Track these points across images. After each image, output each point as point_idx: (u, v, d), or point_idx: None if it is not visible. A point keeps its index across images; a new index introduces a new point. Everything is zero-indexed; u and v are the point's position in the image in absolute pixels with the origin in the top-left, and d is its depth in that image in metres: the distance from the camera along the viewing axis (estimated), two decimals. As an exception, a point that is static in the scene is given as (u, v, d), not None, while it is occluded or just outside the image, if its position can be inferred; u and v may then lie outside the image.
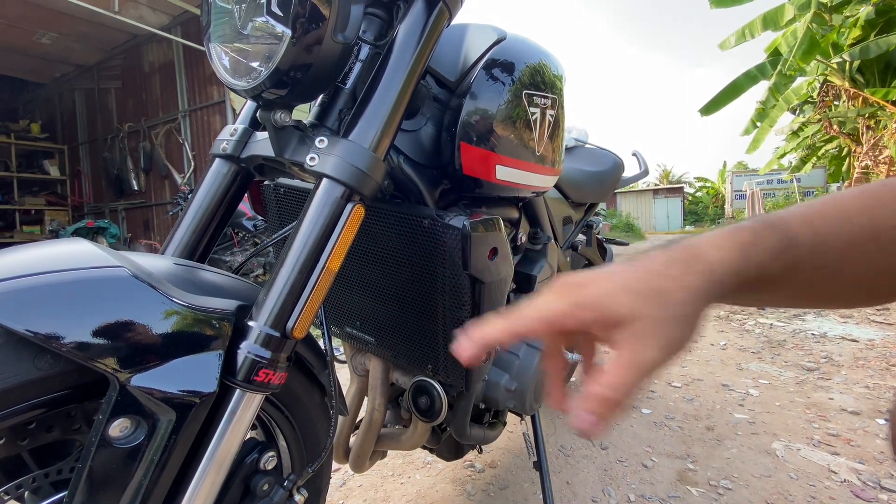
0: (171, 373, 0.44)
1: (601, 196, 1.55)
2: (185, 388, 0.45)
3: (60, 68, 7.83)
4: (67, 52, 7.17)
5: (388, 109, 0.60)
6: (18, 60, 7.27)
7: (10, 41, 6.56)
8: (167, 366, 0.44)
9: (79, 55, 7.31)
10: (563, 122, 0.88)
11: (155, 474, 0.44)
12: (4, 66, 7.46)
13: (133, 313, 0.43)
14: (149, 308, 0.44)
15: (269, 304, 0.52)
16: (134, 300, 0.44)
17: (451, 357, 0.76)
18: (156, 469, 0.44)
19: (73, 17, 5.90)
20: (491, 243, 0.69)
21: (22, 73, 7.92)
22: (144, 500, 0.44)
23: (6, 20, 5.96)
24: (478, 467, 1.50)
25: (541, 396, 1.04)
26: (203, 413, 0.47)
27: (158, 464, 0.44)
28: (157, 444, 0.44)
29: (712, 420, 1.83)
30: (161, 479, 0.45)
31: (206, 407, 0.47)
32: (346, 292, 0.87)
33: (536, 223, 1.04)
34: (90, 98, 7.96)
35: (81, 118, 8.20)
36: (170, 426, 0.44)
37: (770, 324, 3.33)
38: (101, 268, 0.44)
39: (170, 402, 0.44)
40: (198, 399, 0.45)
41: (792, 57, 7.26)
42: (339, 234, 0.54)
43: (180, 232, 0.67)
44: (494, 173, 0.73)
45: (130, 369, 0.42)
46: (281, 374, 0.52)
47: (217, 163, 0.71)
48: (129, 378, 0.42)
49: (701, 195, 26.14)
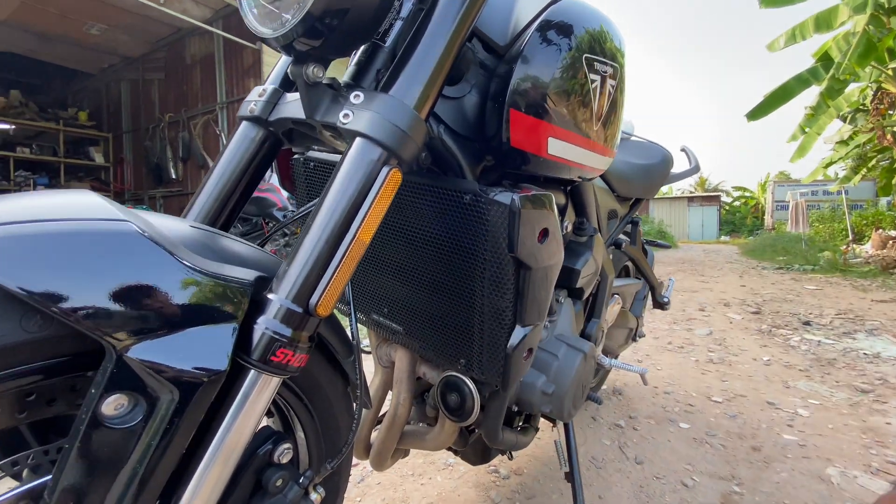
0: (175, 346, 0.38)
1: (648, 191, 1.44)
2: (192, 365, 0.39)
3: (108, 59, 8.14)
4: (115, 44, 7.44)
5: (432, 66, 0.53)
6: (69, 50, 7.60)
7: (62, 31, 6.85)
8: (172, 337, 0.38)
9: (126, 47, 7.58)
10: (624, 99, 0.79)
11: (152, 461, 0.39)
12: (57, 56, 7.82)
13: (135, 274, 0.38)
14: (154, 269, 0.39)
15: (292, 275, 0.46)
16: (138, 259, 0.38)
17: (487, 351, 0.68)
18: (154, 455, 0.38)
19: (122, 10, 6.11)
20: (541, 223, 0.60)
21: (72, 63, 8.27)
22: (140, 490, 0.39)
23: (59, 11, 6.21)
24: (503, 473, 1.42)
25: (579, 402, 0.95)
26: (211, 394, 0.41)
27: (157, 449, 0.39)
28: (157, 427, 0.38)
29: (758, 440, 1.69)
30: (159, 468, 0.39)
31: (214, 387, 0.41)
32: (373, 275, 0.81)
33: (583, 212, 0.95)
34: (135, 88, 8.25)
35: (126, 108, 8.51)
36: (171, 407, 0.38)
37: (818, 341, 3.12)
38: (103, 220, 0.39)
39: (173, 380, 0.38)
40: (205, 378, 0.39)
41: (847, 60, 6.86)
42: (372, 200, 0.47)
43: (202, 197, 0.62)
44: (546, 147, 0.65)
45: (129, 338, 0.37)
46: (301, 355, 0.46)
47: (244, 126, 0.65)
48: (127, 348, 0.37)
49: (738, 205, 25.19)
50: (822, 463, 1.52)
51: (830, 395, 2.14)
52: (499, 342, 0.66)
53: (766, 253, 9.59)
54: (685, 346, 2.93)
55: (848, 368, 2.52)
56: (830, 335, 3.23)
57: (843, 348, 2.91)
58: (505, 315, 0.64)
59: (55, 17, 6.37)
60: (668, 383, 2.25)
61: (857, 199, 13.65)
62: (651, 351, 2.80)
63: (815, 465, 1.51)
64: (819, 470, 1.48)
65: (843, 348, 2.91)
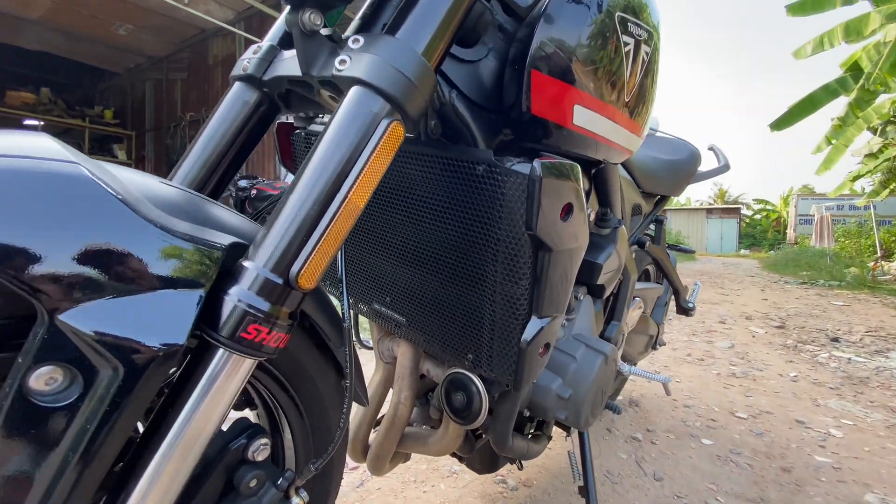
0: (123, 312, 0.32)
1: (674, 188, 1.35)
2: (142, 336, 0.32)
3: (134, 59, 8.32)
4: (141, 44, 7.60)
5: (445, 10, 0.46)
6: (98, 50, 7.79)
7: (90, 31, 7.02)
8: (119, 301, 0.32)
9: (151, 47, 7.74)
10: (658, 72, 0.72)
11: (90, 449, 0.32)
12: (85, 55, 8.01)
13: (78, 222, 0.31)
14: (103, 220, 0.32)
15: (272, 241, 0.39)
16: (83, 206, 0.32)
17: (498, 345, 0.61)
18: (91, 442, 0.32)
19: (149, 10, 6.23)
20: (565, 197, 0.53)
21: (99, 62, 8.47)
22: (75, 483, 0.32)
23: (89, 10, 6.36)
24: (511, 484, 1.33)
25: (598, 409, 0.87)
26: (164, 372, 0.34)
27: (96, 435, 0.32)
28: (95, 408, 0.32)
29: (788, 460, 1.57)
30: (98, 458, 0.33)
31: (168, 364, 0.34)
32: (375, 260, 0.74)
33: (607, 202, 0.87)
34: (158, 88, 8.40)
35: (150, 107, 8.67)
36: (115, 384, 0.32)
37: (847, 358, 2.95)
38: (48, 160, 0.33)
39: (117, 352, 0.31)
40: (158, 352, 0.33)
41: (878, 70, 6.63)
42: (369, 156, 0.41)
43: (188, 162, 0.56)
44: (571, 116, 0.58)
45: (64, 298, 0.30)
46: (279, 335, 0.39)
47: (236, 87, 0.59)
48: (62, 310, 0.30)
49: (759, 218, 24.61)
50: (860, 488, 1.40)
51: (865, 415, 2.00)
52: (511, 335, 0.59)
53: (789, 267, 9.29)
54: (705, 358, 2.79)
55: (882, 388, 2.37)
56: (861, 353, 3.06)
57: (875, 367, 2.74)
58: (519, 304, 0.57)
59: (85, 17, 6.53)
60: (688, 396, 2.13)
61: (886, 215, 13.17)
62: (669, 362, 2.67)
63: (853, 489, 1.39)
64: (857, 496, 1.36)
65: (875, 367, 2.74)
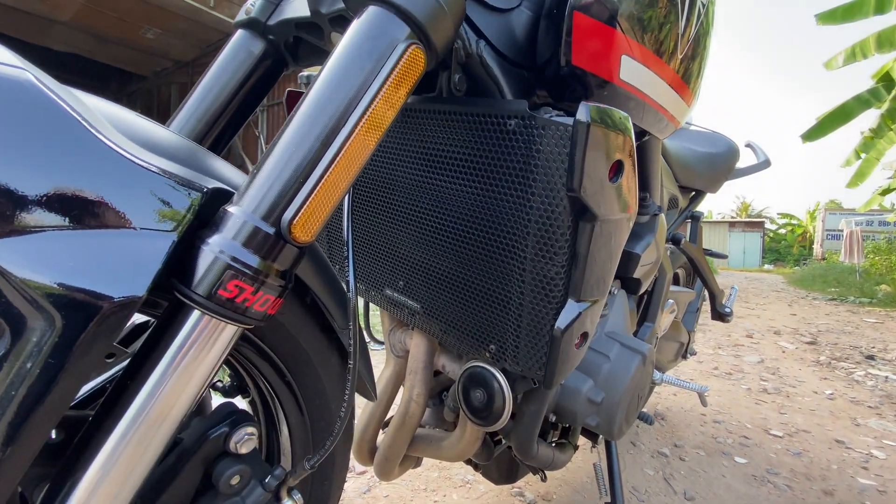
0: (66, 251, 0.25)
1: (711, 183, 1.26)
2: (90, 283, 0.25)
3: (161, 63, 8.51)
4: (168, 48, 7.76)
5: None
6: (126, 54, 7.98)
7: (119, 34, 7.20)
8: (61, 236, 0.25)
9: (178, 51, 7.90)
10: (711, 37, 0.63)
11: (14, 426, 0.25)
12: (114, 58, 8.22)
13: (17, 135, 0.25)
14: (48, 134, 0.26)
15: (262, 182, 0.32)
16: (26, 116, 0.25)
17: (526, 334, 0.52)
18: (16, 416, 0.25)
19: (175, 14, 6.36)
20: (615, 152, 0.44)
21: (127, 66, 8.69)
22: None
23: (117, 14, 6.52)
24: (528, 497, 1.23)
25: (632, 417, 0.77)
26: (115, 330, 0.27)
27: (22, 408, 0.25)
28: (23, 368, 0.25)
29: (829, 483, 1.44)
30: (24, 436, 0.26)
31: (121, 321, 0.27)
32: (387, 237, 0.66)
33: (646, 185, 0.79)
34: (183, 91, 8.58)
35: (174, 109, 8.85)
36: (50, 340, 0.25)
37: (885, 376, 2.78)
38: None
39: (55, 300, 0.24)
40: (109, 305, 0.26)
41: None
42: (382, 82, 0.34)
43: (184, 112, 0.51)
44: (618, 69, 0.50)
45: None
46: (268, 297, 0.32)
47: (239, 35, 0.53)
48: (-18, 242, 0.24)
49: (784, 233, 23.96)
50: (914, 517, 1.27)
51: (911, 437, 1.85)
52: (543, 321, 0.50)
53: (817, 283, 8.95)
54: (734, 372, 2.65)
55: (928, 410, 2.20)
56: (901, 372, 2.88)
57: (917, 387, 2.57)
58: (554, 284, 0.49)
59: (113, 20, 6.69)
60: (718, 411, 2.00)
61: (918, 231, 12.65)
62: (695, 375, 2.54)
63: (906, 519, 1.26)
64: (911, 525, 1.23)
65: (917, 387, 2.57)
